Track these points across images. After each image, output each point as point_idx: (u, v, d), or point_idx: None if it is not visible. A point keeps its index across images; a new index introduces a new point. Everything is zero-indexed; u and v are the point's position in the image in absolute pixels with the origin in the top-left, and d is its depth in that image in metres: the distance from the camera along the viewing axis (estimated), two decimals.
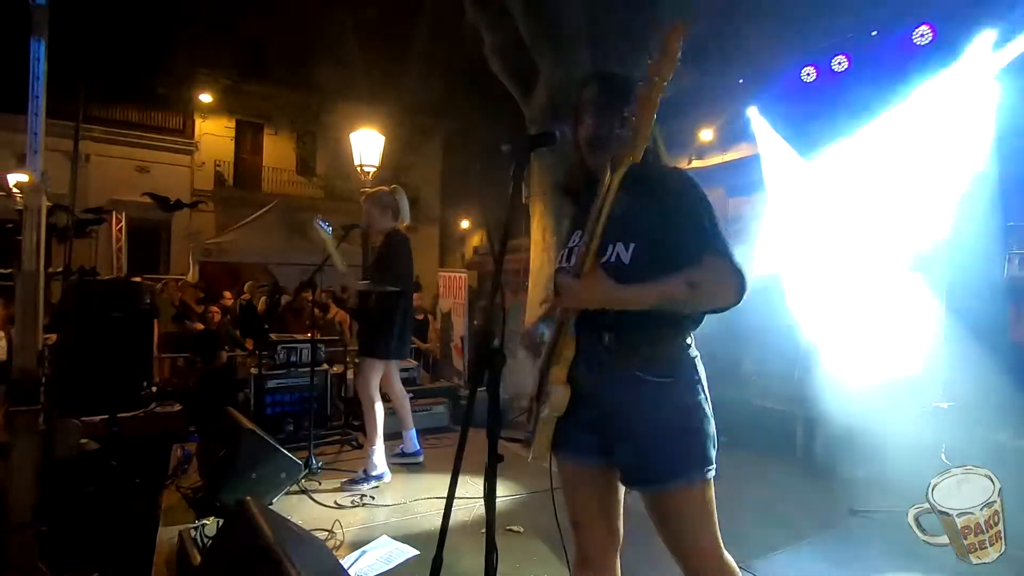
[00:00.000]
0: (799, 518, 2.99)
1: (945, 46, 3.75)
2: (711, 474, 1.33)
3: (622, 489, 1.46)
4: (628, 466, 1.35)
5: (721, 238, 1.26)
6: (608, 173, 1.21)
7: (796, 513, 3.07)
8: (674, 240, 1.26)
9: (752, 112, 5.19)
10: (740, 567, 2.38)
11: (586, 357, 1.33)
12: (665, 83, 1.14)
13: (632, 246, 1.29)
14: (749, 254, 4.66)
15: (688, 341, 1.37)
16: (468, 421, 1.22)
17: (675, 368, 1.32)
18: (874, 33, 4.43)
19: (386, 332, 3.35)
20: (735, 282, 1.21)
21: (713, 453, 1.34)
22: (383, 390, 3.55)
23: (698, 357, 1.38)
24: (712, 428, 1.35)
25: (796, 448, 3.95)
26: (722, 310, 1.26)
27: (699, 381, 1.35)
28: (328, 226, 3.42)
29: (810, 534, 2.80)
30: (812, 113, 4.85)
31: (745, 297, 1.23)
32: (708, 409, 1.35)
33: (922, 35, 3.96)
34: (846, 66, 4.58)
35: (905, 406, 3.06)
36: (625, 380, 1.31)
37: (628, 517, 1.50)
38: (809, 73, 4.86)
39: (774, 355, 4.36)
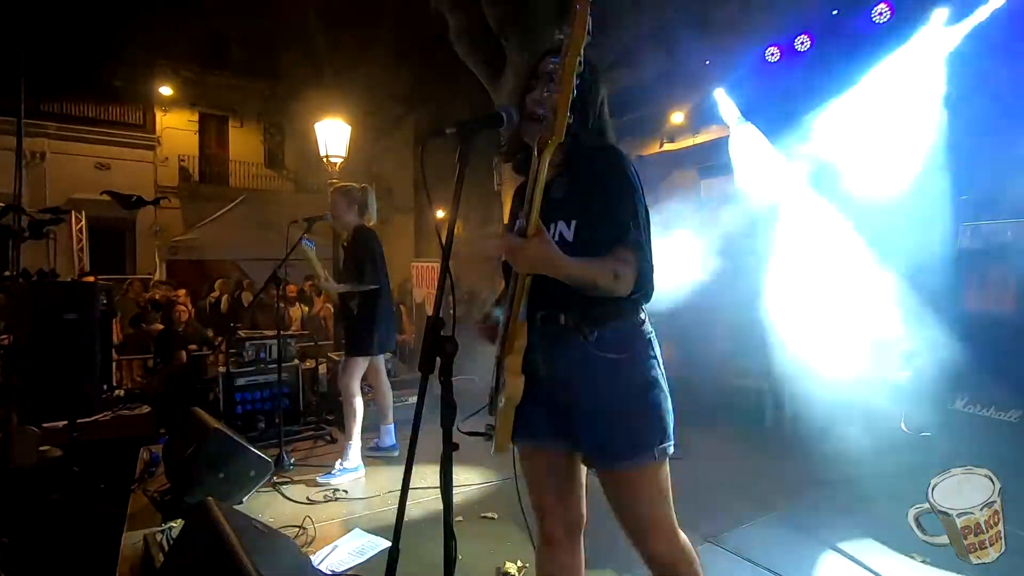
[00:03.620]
0: (768, 490, 3.06)
1: (902, 24, 3.81)
2: (669, 451, 1.33)
3: (583, 471, 1.46)
4: (585, 444, 1.34)
5: (641, 231, 1.28)
6: (535, 154, 1.17)
7: (765, 485, 3.14)
8: (601, 220, 1.27)
9: (719, 94, 5.21)
10: (710, 540, 2.46)
11: (542, 340, 1.32)
12: (579, 56, 1.08)
13: (574, 223, 1.31)
14: (718, 236, 4.71)
15: (642, 317, 1.37)
16: (420, 410, 1.20)
17: (630, 345, 1.33)
18: (835, 12, 4.48)
19: (367, 329, 3.36)
20: (634, 280, 1.25)
21: (670, 429, 1.34)
22: (370, 382, 3.57)
23: (653, 334, 1.39)
24: (669, 404, 1.35)
25: (766, 422, 4.04)
26: (614, 297, 1.27)
27: (654, 357, 1.36)
28: (313, 244, 3.42)
29: (779, 505, 2.87)
30: (777, 92, 4.89)
31: (648, 291, 1.31)
32: (664, 385, 1.35)
33: (881, 13, 4.02)
34: (809, 45, 4.62)
35: (866, 378, 3.14)
36: (581, 358, 1.31)
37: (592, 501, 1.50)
38: (773, 53, 4.89)
39: (745, 334, 4.43)
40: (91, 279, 6.34)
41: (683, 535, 1.40)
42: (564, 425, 1.36)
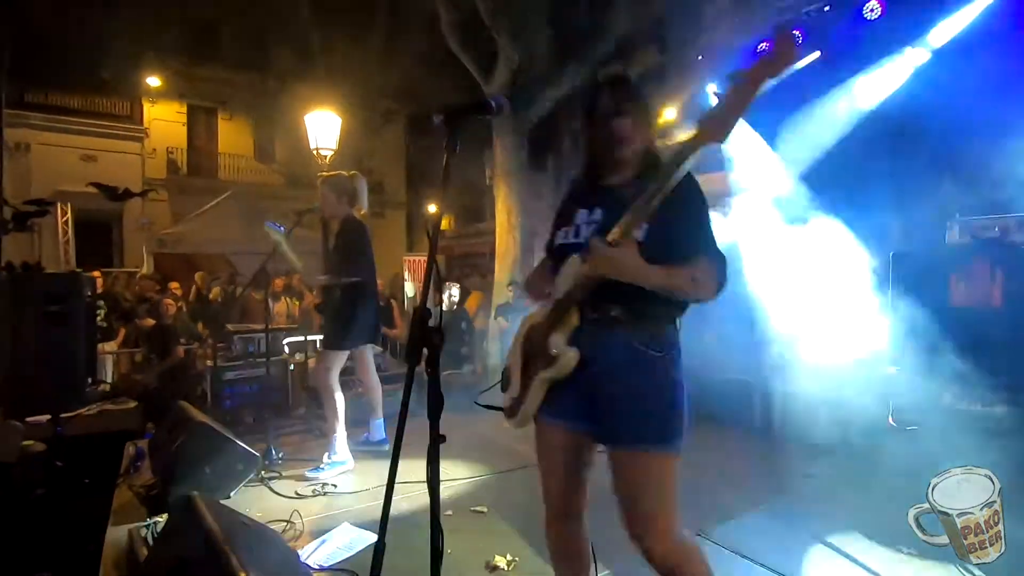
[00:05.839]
0: (756, 484, 3.08)
1: (893, 20, 3.82)
2: (680, 448, 1.44)
3: (590, 455, 1.57)
4: (613, 426, 1.44)
5: (714, 241, 1.44)
6: (670, 160, 1.31)
7: (753, 479, 3.16)
8: (679, 231, 1.39)
9: (711, 90, 5.21)
10: (700, 534, 2.46)
11: (590, 326, 1.44)
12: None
13: (645, 227, 1.39)
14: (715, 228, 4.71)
15: (678, 325, 1.50)
16: (407, 402, 1.19)
17: (669, 346, 1.45)
18: (827, 8, 4.48)
19: (342, 323, 3.30)
20: (718, 284, 1.40)
21: (683, 430, 1.45)
22: (359, 377, 3.54)
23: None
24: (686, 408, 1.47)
25: (754, 417, 4.06)
26: (697, 303, 1.45)
27: (681, 361, 1.49)
28: (280, 227, 3.34)
29: (766, 499, 2.88)
30: (770, 87, 4.89)
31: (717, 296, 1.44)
32: (685, 388, 1.48)
33: (872, 9, 4.03)
34: (800, 40, 4.62)
35: (854, 373, 3.17)
36: (626, 350, 1.41)
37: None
38: (764, 48, 4.90)
39: (734, 326, 4.44)
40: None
41: (687, 536, 1.49)
42: (588, 409, 1.46)
